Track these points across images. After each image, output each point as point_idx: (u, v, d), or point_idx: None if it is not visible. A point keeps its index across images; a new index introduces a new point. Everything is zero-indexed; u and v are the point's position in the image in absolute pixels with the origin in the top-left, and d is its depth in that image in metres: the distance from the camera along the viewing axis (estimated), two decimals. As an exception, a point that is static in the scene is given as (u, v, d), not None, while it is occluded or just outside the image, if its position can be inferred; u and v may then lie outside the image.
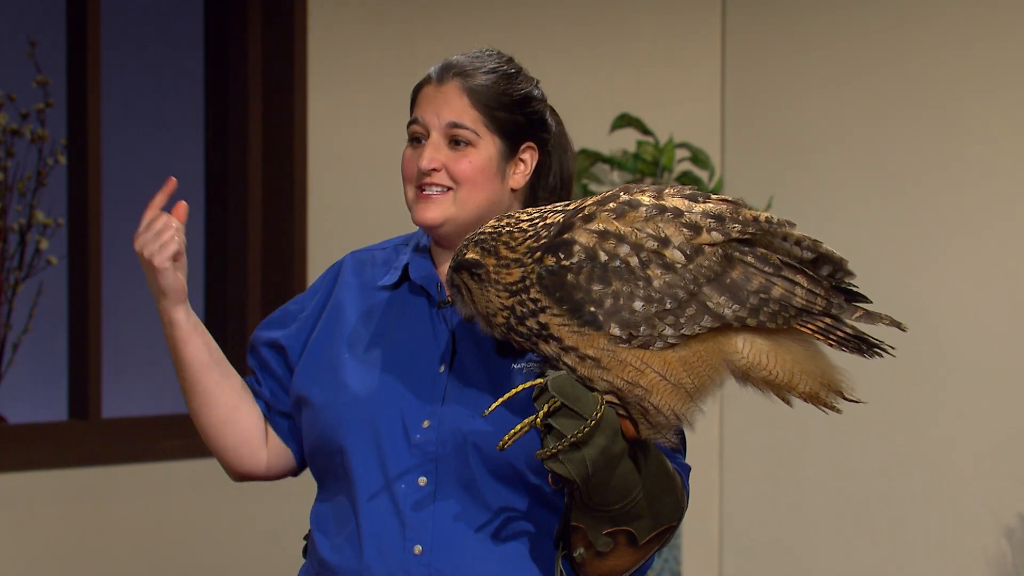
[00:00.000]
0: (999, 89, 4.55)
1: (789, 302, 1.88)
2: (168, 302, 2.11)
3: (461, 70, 2.11)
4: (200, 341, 2.14)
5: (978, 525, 4.56)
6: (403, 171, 2.14)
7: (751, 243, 1.89)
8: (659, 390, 1.87)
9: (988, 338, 4.55)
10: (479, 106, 2.09)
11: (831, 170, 4.91)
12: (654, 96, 5.03)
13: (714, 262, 1.86)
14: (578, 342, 1.86)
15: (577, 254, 1.86)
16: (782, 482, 5.01)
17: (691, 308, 1.85)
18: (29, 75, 4.37)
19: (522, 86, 2.13)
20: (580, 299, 1.85)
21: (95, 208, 4.27)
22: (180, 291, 2.11)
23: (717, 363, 1.88)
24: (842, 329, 1.91)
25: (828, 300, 1.90)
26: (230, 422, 2.18)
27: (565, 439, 1.86)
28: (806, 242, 1.91)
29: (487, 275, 1.90)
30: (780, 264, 1.88)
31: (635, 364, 1.86)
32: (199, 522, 4.29)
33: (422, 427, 2.06)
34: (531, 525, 2.06)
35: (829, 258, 1.91)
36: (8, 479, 4.06)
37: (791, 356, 1.90)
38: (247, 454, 2.19)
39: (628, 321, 1.85)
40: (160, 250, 2.07)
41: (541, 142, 2.15)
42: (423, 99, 2.12)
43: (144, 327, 5.32)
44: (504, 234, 1.91)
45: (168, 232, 2.07)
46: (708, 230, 1.87)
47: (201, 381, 2.15)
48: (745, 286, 1.86)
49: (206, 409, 2.17)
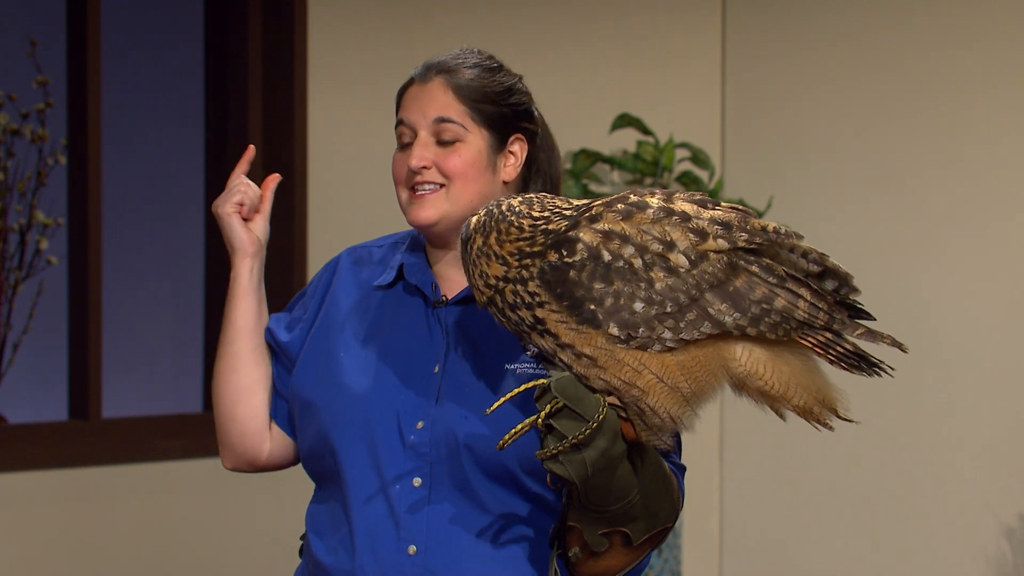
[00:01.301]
0: (999, 89, 4.55)
1: (791, 314, 1.87)
2: (237, 255, 2.21)
3: (444, 67, 2.11)
4: (254, 305, 2.20)
5: (978, 525, 4.56)
6: (394, 174, 2.14)
7: (757, 253, 1.88)
8: (656, 392, 1.86)
9: (988, 338, 4.55)
10: (465, 100, 2.10)
11: (831, 170, 4.91)
12: (654, 96, 5.03)
13: (718, 269, 1.86)
14: (575, 339, 1.86)
15: (580, 252, 1.86)
16: (782, 482, 5.01)
17: (692, 313, 1.85)
18: (29, 75, 4.37)
19: (505, 79, 2.13)
20: (581, 296, 1.85)
21: (95, 208, 4.27)
22: (247, 245, 2.21)
23: (715, 369, 1.87)
24: (842, 345, 1.90)
25: (831, 315, 1.89)
26: (249, 393, 2.19)
27: (566, 440, 1.85)
28: (813, 255, 1.90)
29: (471, 250, 1.90)
30: (785, 275, 1.88)
31: (632, 365, 1.86)
32: (199, 522, 4.29)
33: (416, 428, 2.06)
34: (525, 526, 2.06)
35: (835, 273, 1.90)
36: (8, 479, 4.06)
37: (788, 368, 1.89)
38: (252, 430, 2.20)
39: (627, 321, 1.84)
40: (223, 200, 2.18)
41: (530, 134, 2.15)
42: (408, 100, 2.13)
43: (144, 327, 5.33)
44: (505, 222, 1.89)
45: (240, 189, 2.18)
46: (715, 237, 1.86)
47: (237, 342, 2.19)
48: (748, 295, 1.86)
49: (231, 374, 2.19)
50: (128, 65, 5.26)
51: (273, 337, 2.21)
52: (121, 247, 5.12)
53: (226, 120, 4.54)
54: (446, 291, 2.14)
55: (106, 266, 4.38)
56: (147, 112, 5.38)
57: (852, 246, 4.78)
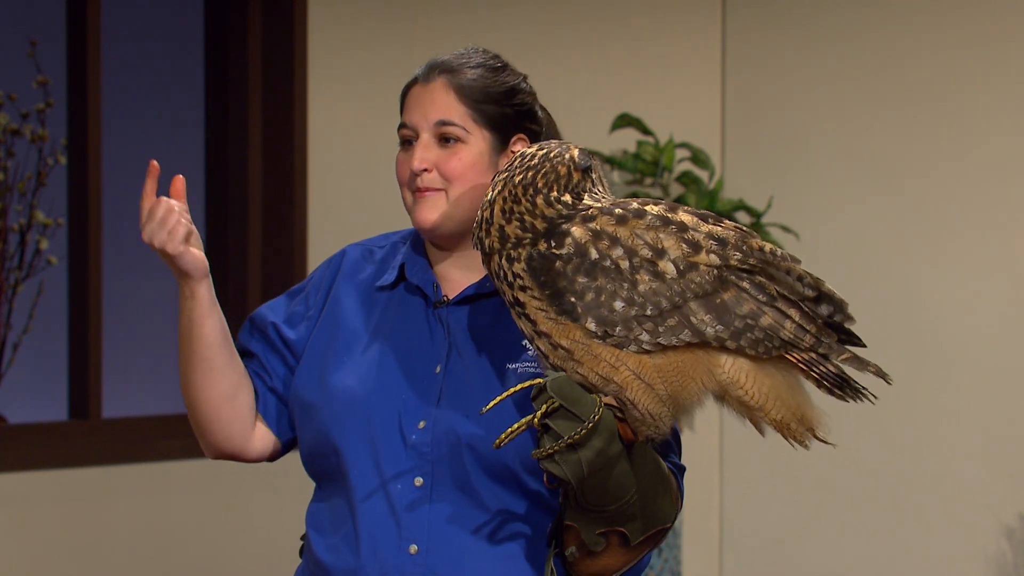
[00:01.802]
0: (999, 89, 4.55)
1: (776, 333, 1.88)
2: (192, 280, 2.08)
3: (447, 67, 2.11)
4: (217, 318, 2.12)
5: (978, 525, 4.56)
6: (398, 176, 2.14)
7: (751, 272, 1.89)
8: (633, 388, 1.87)
9: (988, 338, 4.55)
10: (466, 101, 2.09)
11: (831, 170, 4.90)
12: (654, 96, 5.03)
13: (706, 280, 1.87)
14: (552, 329, 1.87)
15: (568, 246, 1.88)
16: (782, 482, 5.00)
17: (672, 319, 1.86)
18: (29, 75, 4.37)
19: (508, 79, 2.13)
20: (563, 287, 1.86)
21: (95, 208, 4.27)
22: (201, 268, 2.07)
23: (696, 376, 1.88)
24: (826, 366, 1.91)
25: (818, 338, 1.90)
26: (230, 399, 2.14)
27: (562, 440, 1.86)
28: (808, 279, 1.91)
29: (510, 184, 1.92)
30: (776, 295, 1.89)
31: (609, 360, 1.87)
32: (199, 522, 4.29)
33: (418, 428, 2.06)
34: (526, 525, 2.06)
35: (830, 298, 1.91)
36: (8, 479, 4.06)
37: (770, 381, 1.91)
38: (238, 431, 2.16)
39: (605, 319, 1.86)
40: (170, 238, 2.04)
41: (532, 134, 2.15)
42: (411, 101, 2.13)
43: (144, 327, 5.33)
44: (519, 201, 1.92)
45: (172, 217, 2.05)
46: (708, 251, 1.88)
47: (212, 358, 2.12)
48: (734, 309, 1.87)
49: (210, 385, 2.13)
50: (128, 65, 5.26)
51: (279, 334, 2.20)
52: (121, 247, 5.12)
53: (226, 120, 4.54)
54: (447, 291, 2.14)
55: (106, 266, 4.38)
56: (147, 112, 5.37)
57: (852, 246, 4.78)
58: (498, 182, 1.94)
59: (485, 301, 2.10)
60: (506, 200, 1.92)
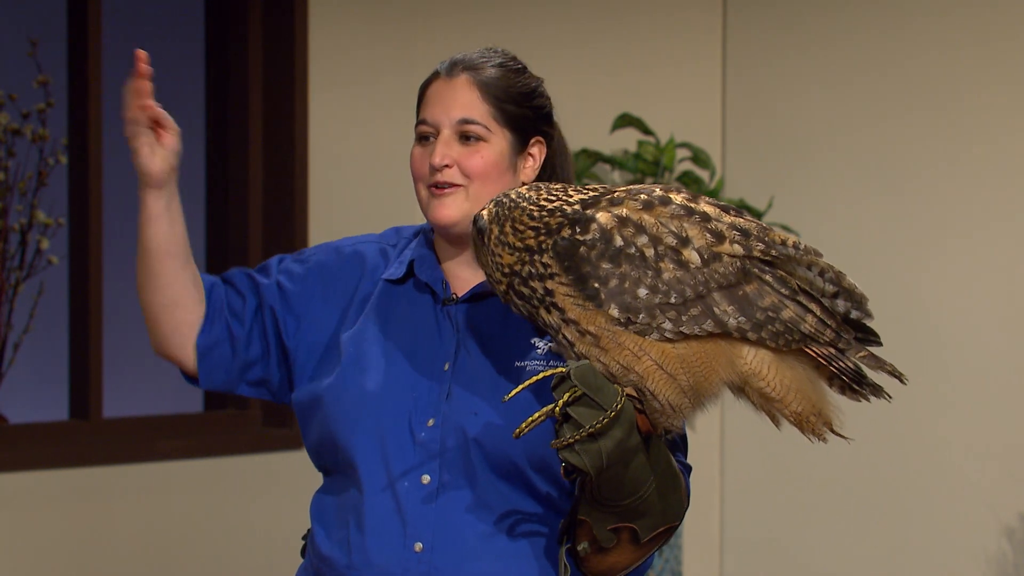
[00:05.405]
0: (999, 89, 4.55)
1: (796, 326, 1.88)
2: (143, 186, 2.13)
3: (470, 64, 2.11)
4: (163, 229, 2.13)
5: (978, 525, 4.56)
6: (413, 170, 2.13)
7: (772, 265, 1.90)
8: (654, 378, 1.87)
9: (988, 338, 4.55)
10: (489, 99, 2.10)
11: (831, 170, 4.91)
12: (654, 96, 5.03)
13: (730, 271, 1.87)
14: (580, 316, 1.87)
15: (593, 232, 1.87)
16: (782, 482, 5.01)
17: (695, 308, 1.86)
18: (30, 75, 4.37)
19: (530, 80, 2.14)
20: (586, 272, 1.86)
21: (96, 208, 4.27)
22: (151, 175, 2.12)
23: (717, 367, 1.88)
24: (844, 361, 1.91)
25: (837, 333, 1.90)
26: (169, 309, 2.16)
27: (583, 428, 1.85)
28: (829, 273, 1.91)
29: (488, 241, 1.92)
30: (797, 289, 1.90)
31: (632, 349, 1.87)
32: (199, 522, 4.29)
33: (427, 425, 2.07)
34: (532, 523, 2.06)
35: (851, 293, 1.92)
36: (8, 479, 4.06)
37: (792, 374, 1.91)
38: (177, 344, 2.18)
39: (629, 305, 1.86)
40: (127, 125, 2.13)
41: (548, 137, 2.16)
42: (432, 96, 2.12)
43: (144, 327, 5.32)
44: (518, 209, 1.91)
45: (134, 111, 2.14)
46: (732, 241, 1.88)
47: (152, 265, 2.14)
48: (756, 301, 1.87)
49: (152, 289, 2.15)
50: (128, 65, 5.25)
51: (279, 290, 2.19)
52: (121, 247, 5.11)
53: (226, 120, 4.54)
54: (456, 289, 2.14)
55: (106, 266, 4.38)
56: (147, 112, 5.36)
57: (852, 246, 4.78)
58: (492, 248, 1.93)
59: (494, 299, 2.09)
60: (509, 241, 1.92)
